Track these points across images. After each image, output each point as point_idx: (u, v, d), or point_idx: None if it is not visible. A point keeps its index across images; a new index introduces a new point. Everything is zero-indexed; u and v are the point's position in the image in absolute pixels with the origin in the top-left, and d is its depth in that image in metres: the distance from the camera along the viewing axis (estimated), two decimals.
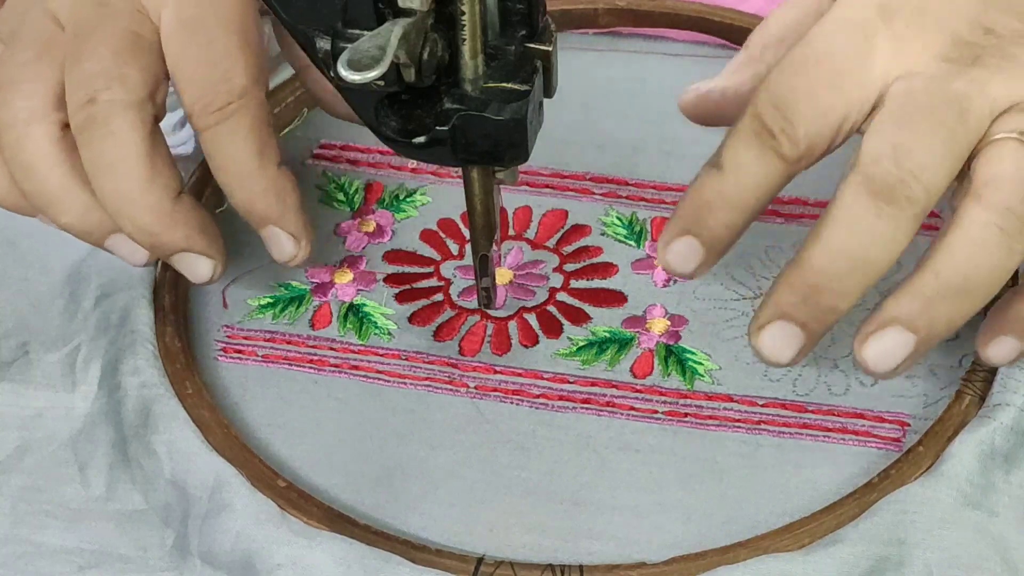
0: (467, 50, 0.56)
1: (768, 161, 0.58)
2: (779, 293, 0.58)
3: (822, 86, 0.58)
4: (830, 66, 0.58)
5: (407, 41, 0.54)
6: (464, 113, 0.57)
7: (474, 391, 0.66)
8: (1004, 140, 0.57)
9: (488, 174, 0.61)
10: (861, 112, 0.58)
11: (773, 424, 0.65)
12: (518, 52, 0.58)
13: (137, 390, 0.64)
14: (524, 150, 0.58)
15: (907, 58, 0.58)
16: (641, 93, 0.78)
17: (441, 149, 0.58)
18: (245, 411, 0.66)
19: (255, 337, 0.69)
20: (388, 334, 0.69)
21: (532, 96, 0.57)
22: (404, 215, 0.73)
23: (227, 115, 0.63)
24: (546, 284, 0.70)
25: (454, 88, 0.57)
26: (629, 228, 0.72)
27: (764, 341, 0.59)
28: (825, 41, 0.58)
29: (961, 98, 0.57)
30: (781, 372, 0.67)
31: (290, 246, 0.65)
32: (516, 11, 0.57)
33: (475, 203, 0.63)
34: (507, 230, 0.72)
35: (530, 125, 0.58)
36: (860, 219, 0.56)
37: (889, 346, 0.57)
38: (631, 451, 0.64)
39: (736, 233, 0.60)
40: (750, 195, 0.59)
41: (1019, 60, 0.57)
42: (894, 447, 0.64)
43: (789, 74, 0.58)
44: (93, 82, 0.62)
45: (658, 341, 0.68)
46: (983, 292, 0.56)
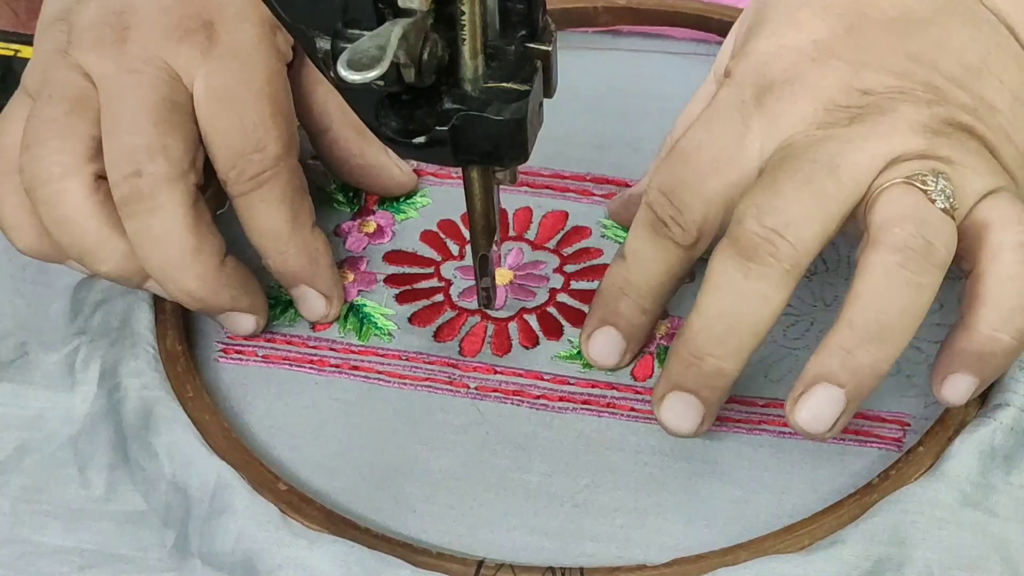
0: (467, 50, 0.56)
1: (665, 247, 0.62)
2: (670, 365, 0.61)
3: (703, 172, 0.61)
4: (709, 152, 0.61)
5: (407, 41, 0.54)
6: (464, 113, 0.57)
7: (474, 392, 0.66)
8: (890, 186, 0.58)
9: (488, 174, 0.62)
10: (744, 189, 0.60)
11: (773, 424, 0.65)
12: (518, 52, 0.58)
13: (138, 391, 0.64)
14: (524, 150, 0.58)
15: (782, 131, 0.60)
16: (641, 92, 0.78)
17: (441, 149, 0.58)
18: (245, 412, 0.66)
19: (255, 338, 0.69)
20: (388, 335, 0.69)
21: (532, 96, 0.58)
22: (404, 216, 0.73)
23: (261, 183, 0.65)
24: (546, 285, 0.70)
25: (454, 88, 0.57)
26: None
27: (664, 413, 0.62)
28: (704, 129, 0.61)
29: (833, 155, 0.58)
30: (782, 373, 0.67)
31: (321, 305, 0.68)
32: (516, 11, 0.57)
33: (475, 203, 0.63)
34: (507, 231, 0.72)
35: (530, 125, 0.58)
36: (729, 281, 0.58)
37: (819, 404, 0.58)
38: (631, 452, 0.64)
39: (650, 317, 0.64)
40: (654, 281, 0.63)
41: (898, 113, 0.59)
42: (894, 447, 0.64)
43: (674, 165, 0.61)
44: (136, 155, 0.63)
45: (658, 343, 0.68)
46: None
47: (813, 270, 0.70)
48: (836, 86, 0.60)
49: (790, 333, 0.68)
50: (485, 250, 0.65)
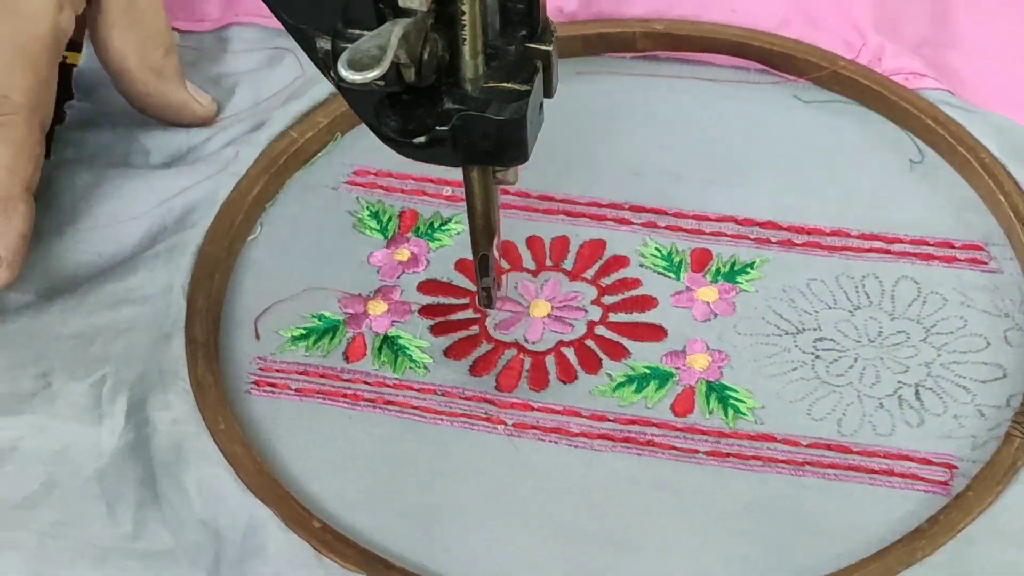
0: (467, 50, 0.56)
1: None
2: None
3: None
4: None
5: (407, 41, 0.54)
6: (464, 113, 0.57)
7: (511, 428, 0.65)
8: None
9: (488, 174, 0.61)
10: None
11: (817, 465, 0.63)
12: (518, 52, 0.57)
13: (168, 426, 0.63)
14: (524, 150, 0.58)
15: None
16: (680, 119, 0.76)
17: (441, 149, 0.58)
18: (278, 447, 0.65)
19: (288, 370, 0.67)
20: (423, 368, 0.67)
21: (532, 96, 0.57)
22: (439, 244, 0.72)
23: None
24: (584, 317, 0.69)
25: (454, 88, 0.57)
26: (668, 260, 0.71)
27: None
28: None
29: None
30: (825, 411, 0.65)
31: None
32: (516, 11, 0.57)
33: (475, 203, 0.62)
34: (544, 260, 0.71)
35: (530, 125, 0.57)
36: None
37: None
38: (671, 491, 0.63)
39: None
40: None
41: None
42: (941, 490, 0.62)
43: None
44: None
45: (699, 378, 0.66)
46: None
47: (857, 305, 0.68)
48: None
49: (833, 369, 0.66)
50: (485, 250, 0.64)
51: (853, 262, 0.70)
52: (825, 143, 0.75)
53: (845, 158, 0.74)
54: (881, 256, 0.70)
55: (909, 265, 0.70)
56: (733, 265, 0.70)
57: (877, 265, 0.70)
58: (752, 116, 0.76)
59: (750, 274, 0.70)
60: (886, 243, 0.71)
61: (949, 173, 0.73)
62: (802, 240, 0.71)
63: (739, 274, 0.70)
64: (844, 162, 0.74)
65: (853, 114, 0.76)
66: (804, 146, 0.75)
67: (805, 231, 0.71)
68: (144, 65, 0.73)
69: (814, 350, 0.67)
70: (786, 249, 0.71)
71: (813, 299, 0.69)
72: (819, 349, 0.67)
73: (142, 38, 0.73)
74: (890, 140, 0.75)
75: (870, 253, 0.70)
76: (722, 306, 0.69)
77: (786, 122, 0.76)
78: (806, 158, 0.74)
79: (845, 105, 0.76)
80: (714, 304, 0.69)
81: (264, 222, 0.73)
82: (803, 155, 0.75)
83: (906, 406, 0.65)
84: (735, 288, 0.70)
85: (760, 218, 0.72)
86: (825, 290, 0.69)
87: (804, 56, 0.77)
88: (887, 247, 0.71)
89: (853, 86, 0.76)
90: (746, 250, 0.71)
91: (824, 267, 0.70)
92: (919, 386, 0.66)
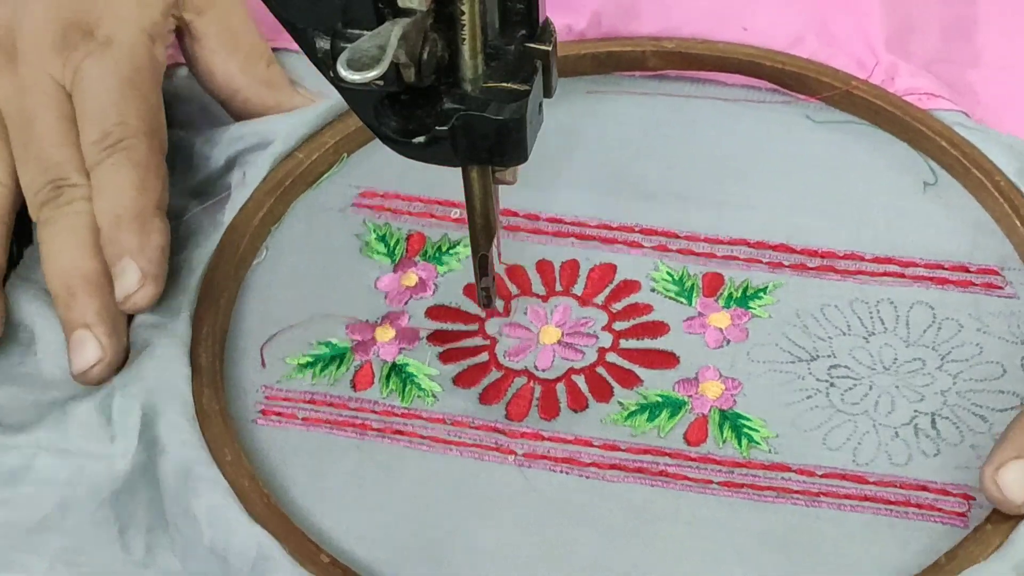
0: (467, 50, 0.56)
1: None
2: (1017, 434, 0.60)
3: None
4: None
5: (407, 41, 0.54)
6: (464, 113, 0.56)
7: (521, 459, 0.64)
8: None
9: (487, 174, 0.60)
10: None
11: (833, 496, 0.63)
12: (518, 52, 0.57)
13: (177, 448, 0.62)
14: (523, 150, 0.57)
15: None
16: (691, 139, 0.75)
17: (441, 149, 0.58)
18: (285, 478, 0.64)
19: (295, 398, 0.66)
20: (432, 396, 0.66)
21: (532, 96, 0.57)
22: (447, 268, 0.71)
23: (116, 150, 0.67)
24: (595, 343, 0.68)
25: (454, 88, 0.57)
26: (680, 284, 0.70)
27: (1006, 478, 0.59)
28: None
29: None
30: (841, 440, 0.64)
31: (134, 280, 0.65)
32: (516, 11, 0.57)
33: (474, 203, 0.61)
34: (554, 285, 0.70)
35: (530, 125, 0.57)
36: None
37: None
38: (684, 524, 0.62)
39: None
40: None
41: None
42: (959, 522, 0.62)
43: None
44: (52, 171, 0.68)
45: (712, 406, 0.66)
46: None
47: (871, 331, 0.67)
48: None
49: (848, 397, 0.66)
50: (485, 250, 0.63)
51: (867, 286, 0.69)
52: (838, 164, 0.74)
53: (858, 180, 0.73)
54: (896, 280, 0.69)
55: (924, 290, 0.69)
56: (746, 290, 0.69)
57: (892, 290, 0.69)
58: (764, 136, 0.75)
59: (763, 299, 0.69)
60: (900, 267, 0.70)
61: (964, 196, 0.72)
62: (815, 264, 0.70)
63: (752, 299, 0.69)
64: (857, 184, 0.73)
65: (866, 135, 0.75)
66: (816, 167, 0.74)
67: (818, 254, 0.70)
68: (254, 81, 0.75)
69: (828, 378, 0.66)
70: (799, 273, 0.70)
71: (827, 325, 0.68)
72: (833, 377, 0.66)
73: (244, 56, 0.75)
74: (903, 161, 0.74)
75: (884, 277, 0.69)
76: (735, 332, 0.68)
77: (798, 143, 0.75)
78: (818, 179, 0.73)
79: (858, 126, 0.75)
80: (727, 330, 0.68)
81: (270, 245, 0.72)
82: (815, 176, 0.74)
83: (922, 435, 0.64)
84: (748, 313, 0.69)
85: (773, 241, 0.71)
86: (839, 315, 0.68)
87: (816, 75, 0.76)
88: (901, 271, 0.70)
89: (866, 106, 0.75)
90: (759, 274, 0.70)
91: (838, 291, 0.69)
92: (935, 415, 0.65)
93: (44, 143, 0.68)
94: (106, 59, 0.70)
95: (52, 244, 0.67)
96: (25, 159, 0.69)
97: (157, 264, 0.66)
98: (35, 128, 0.69)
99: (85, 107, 0.69)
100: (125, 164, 0.67)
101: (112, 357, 0.65)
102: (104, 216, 0.67)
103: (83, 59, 0.69)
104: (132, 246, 0.66)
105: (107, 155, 0.67)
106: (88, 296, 0.65)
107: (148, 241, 0.66)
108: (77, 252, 0.66)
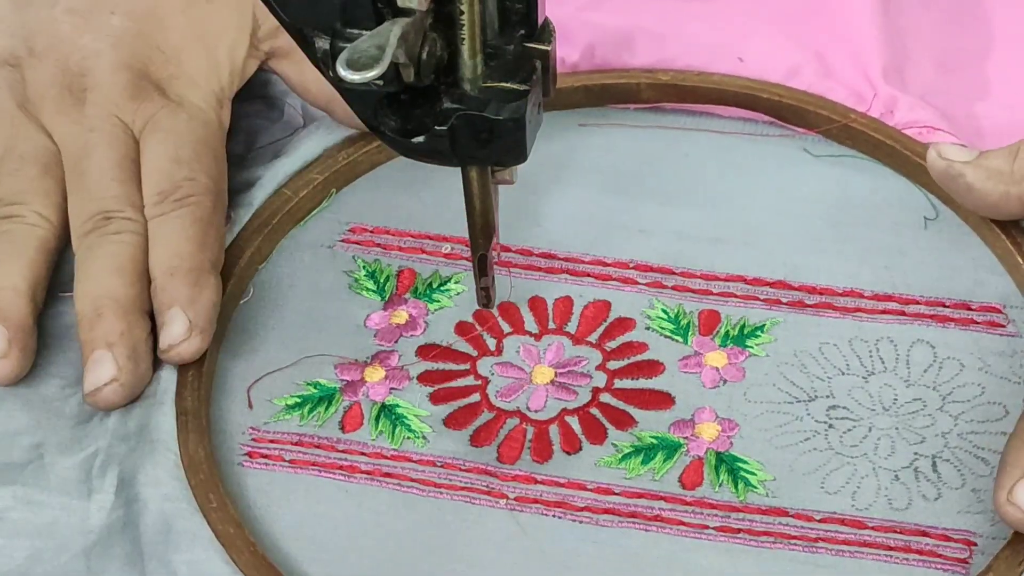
0: (466, 50, 0.56)
1: None
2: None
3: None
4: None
5: (406, 41, 0.54)
6: (463, 113, 0.56)
7: (513, 503, 0.63)
8: None
9: (486, 174, 0.60)
10: None
11: (832, 542, 0.61)
12: (517, 52, 0.57)
13: (158, 503, 0.61)
14: (523, 150, 0.57)
15: None
16: (686, 174, 0.74)
17: (440, 149, 0.57)
18: (271, 523, 0.62)
19: (282, 440, 0.65)
20: (423, 438, 0.65)
21: (531, 96, 0.56)
22: (438, 305, 0.70)
23: (183, 204, 0.68)
24: (589, 383, 0.67)
25: (453, 88, 0.57)
26: (676, 323, 0.68)
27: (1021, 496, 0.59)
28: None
29: None
30: (839, 483, 0.63)
31: (182, 330, 0.65)
32: (515, 10, 0.56)
33: (474, 203, 0.61)
34: (547, 323, 0.69)
35: (529, 125, 0.57)
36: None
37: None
38: (680, 571, 0.61)
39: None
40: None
41: None
42: (960, 569, 0.60)
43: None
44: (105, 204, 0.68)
45: (708, 448, 0.64)
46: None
47: (871, 370, 0.66)
48: None
49: (847, 439, 0.64)
50: (484, 250, 0.63)
51: (866, 324, 0.68)
52: (836, 199, 0.73)
53: (857, 215, 0.72)
54: (895, 318, 0.68)
55: (924, 328, 0.68)
56: (743, 328, 0.68)
57: (891, 328, 0.68)
58: (761, 170, 0.74)
59: (760, 337, 0.68)
60: (900, 304, 0.69)
61: (965, 231, 0.71)
62: (814, 301, 0.69)
63: (749, 337, 0.68)
64: (856, 219, 0.72)
65: (865, 169, 0.74)
66: (815, 202, 0.73)
67: (817, 291, 0.69)
68: None
69: (827, 419, 0.65)
70: (798, 311, 0.69)
71: (826, 364, 0.67)
72: (832, 418, 0.65)
73: None
74: (904, 196, 0.73)
75: (884, 315, 0.68)
76: (732, 371, 0.67)
77: (796, 177, 0.74)
78: (817, 214, 0.72)
79: (857, 159, 0.74)
80: (723, 369, 0.67)
81: (257, 283, 0.70)
82: (814, 211, 0.72)
83: (923, 479, 0.63)
84: (745, 352, 0.67)
85: (770, 277, 0.70)
86: (838, 354, 0.67)
87: (814, 108, 0.74)
88: (902, 308, 0.68)
89: (865, 140, 0.74)
90: (756, 311, 0.69)
91: (837, 330, 0.68)
92: (936, 457, 0.63)
93: (103, 176, 0.68)
94: (180, 115, 0.70)
95: (91, 266, 0.66)
96: (79, 188, 0.69)
97: (206, 319, 0.65)
98: (95, 162, 0.69)
99: (156, 155, 0.69)
100: (188, 219, 0.67)
101: (127, 379, 0.64)
102: (159, 266, 0.66)
103: (157, 110, 0.70)
104: (183, 297, 0.65)
105: (173, 208, 0.67)
106: (115, 318, 0.65)
107: (200, 295, 0.66)
108: (114, 277, 0.66)
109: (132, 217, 0.67)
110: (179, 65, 0.72)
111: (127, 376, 0.64)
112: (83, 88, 0.70)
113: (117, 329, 0.64)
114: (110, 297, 0.65)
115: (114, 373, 0.64)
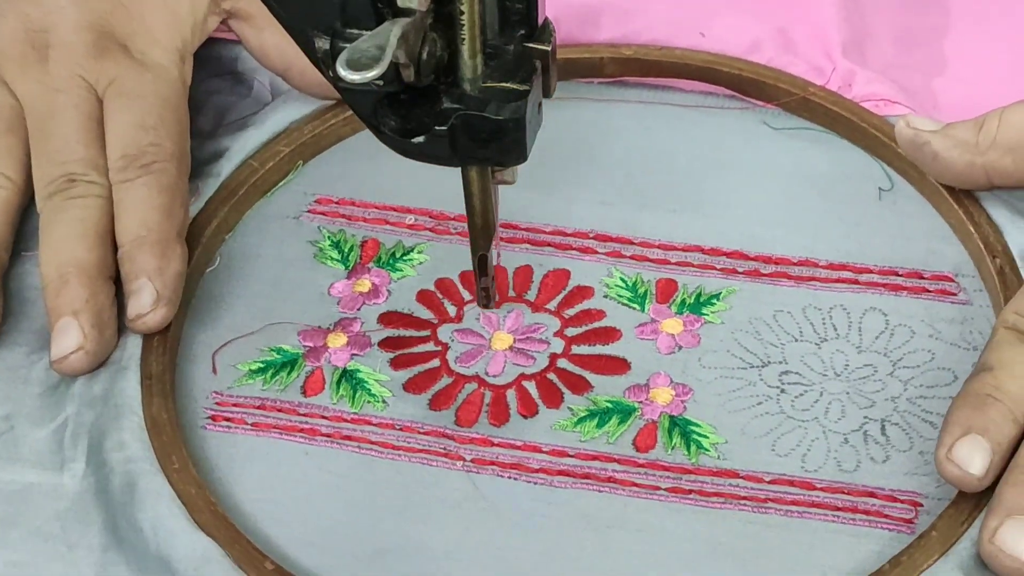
0: (466, 49, 0.56)
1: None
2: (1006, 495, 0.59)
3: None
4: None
5: (406, 41, 0.54)
6: (463, 113, 0.57)
7: (470, 464, 0.64)
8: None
9: (486, 174, 0.61)
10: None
11: (780, 503, 0.62)
12: (517, 51, 0.57)
13: (122, 466, 0.62)
14: (523, 150, 0.57)
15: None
16: (647, 146, 0.75)
17: (439, 149, 0.58)
18: (233, 484, 0.64)
19: (245, 404, 0.66)
20: (382, 402, 0.66)
21: (531, 96, 0.57)
22: (401, 274, 0.71)
23: (150, 171, 0.68)
24: (547, 349, 0.68)
25: (453, 88, 0.57)
26: (633, 291, 0.70)
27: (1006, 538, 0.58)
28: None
29: None
30: (790, 446, 0.64)
31: (150, 301, 0.66)
32: (515, 10, 0.57)
33: (474, 203, 0.61)
34: (507, 291, 0.70)
35: (529, 125, 0.57)
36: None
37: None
38: (632, 530, 0.62)
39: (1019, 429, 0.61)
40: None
41: None
42: (906, 529, 0.61)
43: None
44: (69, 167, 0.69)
45: (662, 412, 0.65)
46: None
47: (824, 337, 0.67)
48: None
49: (798, 404, 0.65)
50: (484, 250, 0.63)
51: (821, 292, 0.69)
52: (794, 170, 0.74)
53: (814, 186, 0.73)
54: (849, 287, 0.69)
55: (877, 296, 0.69)
56: (699, 296, 0.69)
57: (845, 296, 0.69)
58: (721, 143, 0.75)
59: (716, 305, 0.69)
60: (854, 273, 0.70)
61: (919, 202, 0.72)
62: (769, 270, 0.70)
63: (705, 305, 0.69)
64: (813, 190, 0.73)
65: (823, 141, 0.75)
66: (773, 174, 0.74)
67: (772, 261, 0.70)
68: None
69: (780, 384, 0.66)
70: (753, 279, 0.70)
71: (779, 331, 0.68)
72: (785, 383, 0.66)
73: None
74: (861, 168, 0.74)
75: (838, 283, 0.69)
76: (687, 338, 0.68)
77: (755, 149, 0.75)
78: (775, 186, 0.73)
79: (815, 132, 0.75)
80: (679, 336, 0.68)
81: (224, 252, 0.72)
82: (772, 183, 0.74)
83: (872, 442, 0.64)
84: (700, 320, 0.69)
85: (727, 247, 0.71)
86: (792, 322, 0.68)
87: (773, 82, 0.76)
88: (855, 277, 0.70)
89: (823, 112, 0.75)
90: (712, 280, 0.70)
91: (791, 298, 0.69)
92: (885, 421, 0.65)
93: (68, 139, 0.69)
94: (145, 77, 0.71)
95: (55, 231, 0.67)
96: (43, 151, 0.70)
97: (173, 289, 0.67)
98: (59, 123, 0.70)
99: (121, 119, 0.70)
100: (154, 187, 0.68)
101: (92, 347, 0.65)
102: (126, 235, 0.67)
103: (121, 70, 0.71)
104: (151, 268, 0.66)
105: (138, 174, 0.68)
106: (80, 285, 0.66)
107: (167, 265, 0.67)
108: (79, 243, 0.67)
109: (96, 180, 0.68)
110: (141, 20, 0.72)
111: (92, 344, 0.65)
112: (46, 45, 0.71)
113: (82, 296, 0.66)
114: (75, 264, 0.66)
115: (80, 341, 0.65)
